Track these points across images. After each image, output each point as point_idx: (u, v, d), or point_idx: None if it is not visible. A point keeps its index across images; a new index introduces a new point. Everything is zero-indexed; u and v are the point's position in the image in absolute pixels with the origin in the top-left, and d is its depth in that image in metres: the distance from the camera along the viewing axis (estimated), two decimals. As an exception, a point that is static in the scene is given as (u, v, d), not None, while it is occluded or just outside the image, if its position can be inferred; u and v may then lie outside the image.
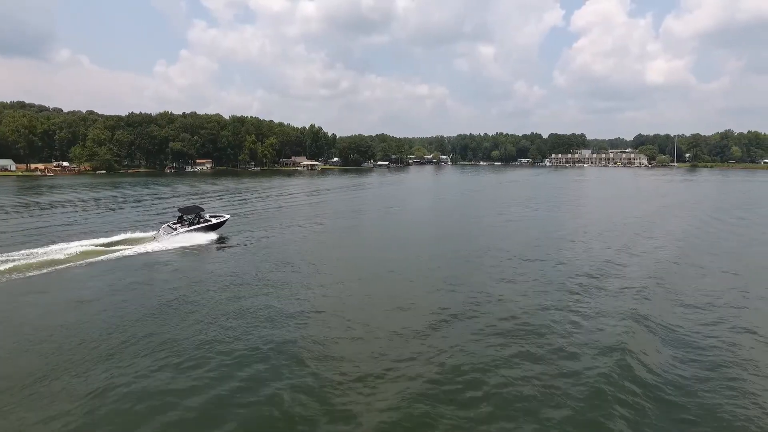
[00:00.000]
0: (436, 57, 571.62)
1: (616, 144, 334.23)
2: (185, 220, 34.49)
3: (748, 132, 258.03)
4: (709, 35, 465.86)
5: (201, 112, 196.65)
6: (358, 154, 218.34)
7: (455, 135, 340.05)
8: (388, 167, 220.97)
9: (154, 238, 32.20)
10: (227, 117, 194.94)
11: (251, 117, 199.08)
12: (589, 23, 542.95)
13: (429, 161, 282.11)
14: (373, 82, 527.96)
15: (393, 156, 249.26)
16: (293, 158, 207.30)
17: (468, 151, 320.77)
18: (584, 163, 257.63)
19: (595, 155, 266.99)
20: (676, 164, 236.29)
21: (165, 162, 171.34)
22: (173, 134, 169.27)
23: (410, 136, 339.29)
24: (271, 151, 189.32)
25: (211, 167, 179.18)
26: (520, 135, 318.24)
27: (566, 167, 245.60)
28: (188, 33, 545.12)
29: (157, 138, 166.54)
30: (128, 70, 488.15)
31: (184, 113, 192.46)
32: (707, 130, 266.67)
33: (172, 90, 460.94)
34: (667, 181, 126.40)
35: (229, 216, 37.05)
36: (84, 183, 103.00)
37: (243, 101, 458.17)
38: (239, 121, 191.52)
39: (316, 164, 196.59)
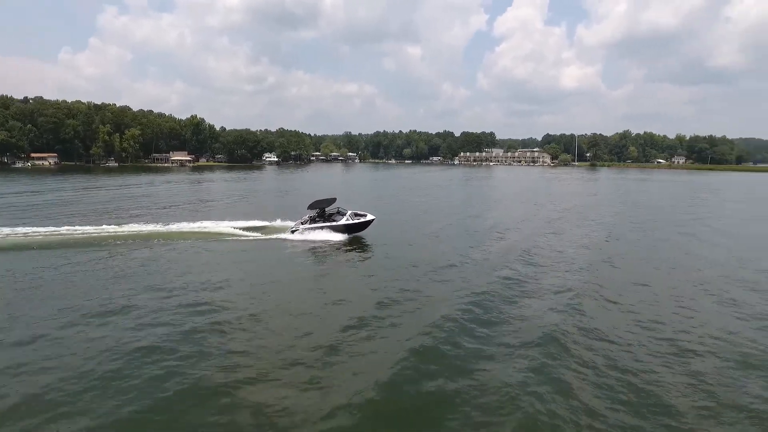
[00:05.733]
0: (364, 55, 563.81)
1: (528, 143, 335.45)
2: (326, 214, 32.02)
3: (644, 133, 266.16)
4: (615, 45, 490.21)
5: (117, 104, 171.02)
6: (246, 150, 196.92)
7: (372, 132, 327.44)
8: (278, 164, 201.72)
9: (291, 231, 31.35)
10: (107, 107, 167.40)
11: (111, 104, 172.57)
12: (510, 29, 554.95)
13: (336, 158, 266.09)
14: (300, 79, 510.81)
15: (293, 152, 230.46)
16: (170, 153, 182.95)
17: (381, 148, 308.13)
18: (491, 161, 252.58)
19: (502, 154, 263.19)
20: (576, 163, 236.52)
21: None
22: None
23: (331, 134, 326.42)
24: (132, 144, 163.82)
25: (55, 162, 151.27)
26: (433, 133, 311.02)
27: (474, 165, 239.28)
28: (97, 19, 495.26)
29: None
30: (28, 56, 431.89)
31: (26, 98, 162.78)
32: (612, 132, 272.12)
33: (78, 79, 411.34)
34: (553, 178, 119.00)
35: (373, 217, 31.69)
36: None
37: (160, 94, 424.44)
38: (95, 109, 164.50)
39: (188, 160, 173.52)
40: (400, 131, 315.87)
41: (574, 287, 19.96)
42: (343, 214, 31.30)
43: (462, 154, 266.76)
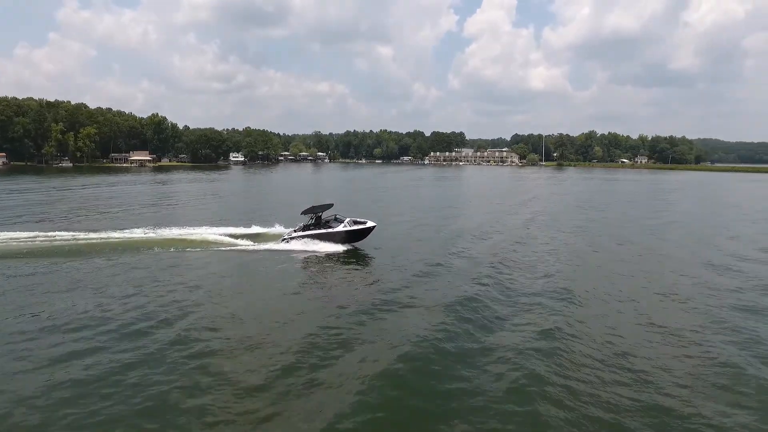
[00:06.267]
0: (336, 55, 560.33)
1: (498, 143, 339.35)
2: (321, 221, 28.90)
3: (609, 133, 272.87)
4: (580, 48, 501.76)
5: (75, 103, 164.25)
6: (210, 149, 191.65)
7: (343, 132, 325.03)
8: (244, 164, 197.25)
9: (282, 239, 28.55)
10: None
11: (65, 102, 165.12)
12: (480, 30, 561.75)
13: (305, 158, 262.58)
14: (271, 77, 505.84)
15: (260, 152, 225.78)
16: (130, 153, 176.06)
17: (351, 148, 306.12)
18: (460, 161, 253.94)
19: (471, 154, 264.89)
20: (544, 163, 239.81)
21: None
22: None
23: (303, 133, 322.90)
24: (88, 143, 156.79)
25: (3, 163, 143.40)
26: (404, 133, 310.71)
27: (443, 165, 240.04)
28: (57, 13, 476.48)
29: None
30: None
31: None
32: (578, 132, 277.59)
33: (37, 76, 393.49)
34: (522, 178, 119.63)
35: (374, 224, 28.30)
36: None
37: (125, 92, 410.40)
38: (48, 107, 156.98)
39: (148, 159, 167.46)
40: (371, 131, 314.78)
41: (556, 312, 18.21)
42: (341, 221, 28.16)
43: (432, 154, 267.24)
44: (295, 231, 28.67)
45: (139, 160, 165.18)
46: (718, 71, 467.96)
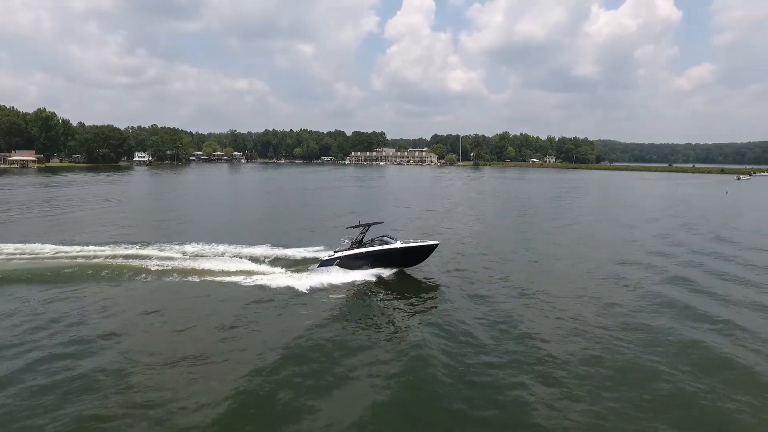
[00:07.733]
0: (255, 51, 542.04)
1: (419, 143, 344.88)
2: (363, 242, 23.84)
3: (521, 134, 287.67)
4: (495, 53, 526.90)
5: None
6: (110, 149, 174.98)
7: (262, 131, 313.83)
8: (149, 164, 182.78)
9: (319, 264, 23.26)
10: None
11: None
12: (401, 33, 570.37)
13: (220, 158, 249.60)
14: (185, 73, 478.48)
15: (168, 152, 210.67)
16: (12, 153, 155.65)
17: (270, 147, 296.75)
18: (381, 161, 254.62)
19: (392, 154, 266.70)
20: (461, 162, 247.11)
21: None
22: None
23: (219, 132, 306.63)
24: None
25: None
26: (325, 132, 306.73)
27: (364, 165, 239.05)
28: None
29: None
30: None
31: None
32: (494, 133, 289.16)
33: None
34: (440, 178, 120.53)
35: (437, 242, 23.79)
36: None
37: (14, 84, 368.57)
38: None
39: (33, 160, 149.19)
40: (291, 130, 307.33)
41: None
42: (394, 241, 23.40)
43: (353, 153, 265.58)
44: (335, 252, 23.64)
45: (20, 160, 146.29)
46: (614, 79, 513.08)
